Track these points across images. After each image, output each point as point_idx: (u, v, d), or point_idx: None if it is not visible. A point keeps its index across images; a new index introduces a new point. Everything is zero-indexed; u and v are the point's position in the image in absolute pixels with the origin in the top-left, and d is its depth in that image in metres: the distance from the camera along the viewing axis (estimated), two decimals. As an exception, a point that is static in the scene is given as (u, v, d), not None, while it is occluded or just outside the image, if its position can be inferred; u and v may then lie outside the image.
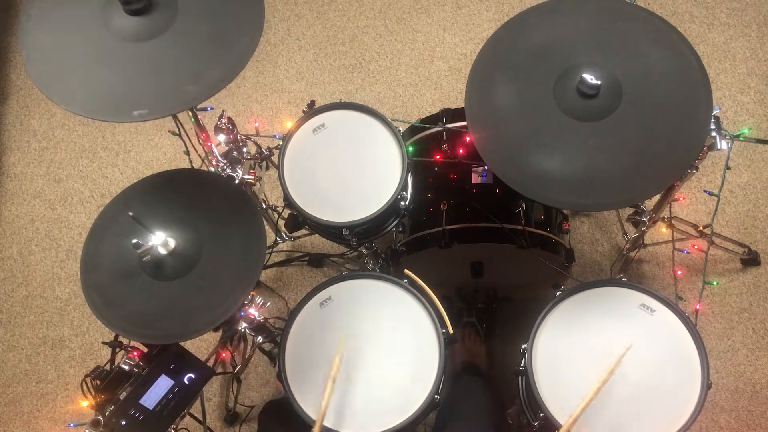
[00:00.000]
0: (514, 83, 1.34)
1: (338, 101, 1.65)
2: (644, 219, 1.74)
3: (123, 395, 1.31)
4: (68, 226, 2.47)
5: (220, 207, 1.43)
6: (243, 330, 1.61)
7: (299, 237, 2.22)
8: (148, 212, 1.36)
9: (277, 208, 2.07)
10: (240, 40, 1.27)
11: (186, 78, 1.23)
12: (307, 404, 1.37)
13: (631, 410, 1.30)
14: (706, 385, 1.29)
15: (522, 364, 1.39)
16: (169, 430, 1.44)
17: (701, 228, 1.96)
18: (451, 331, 1.41)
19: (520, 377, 1.45)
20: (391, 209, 1.53)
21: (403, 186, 1.53)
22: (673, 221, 1.90)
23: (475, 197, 1.72)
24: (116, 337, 1.39)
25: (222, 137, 1.79)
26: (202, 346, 2.16)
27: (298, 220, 1.62)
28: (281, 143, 1.63)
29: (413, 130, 1.81)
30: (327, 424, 1.34)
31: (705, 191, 2.16)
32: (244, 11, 1.29)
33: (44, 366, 2.27)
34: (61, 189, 2.54)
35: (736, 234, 2.13)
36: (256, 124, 2.46)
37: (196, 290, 1.31)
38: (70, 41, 1.27)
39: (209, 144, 1.71)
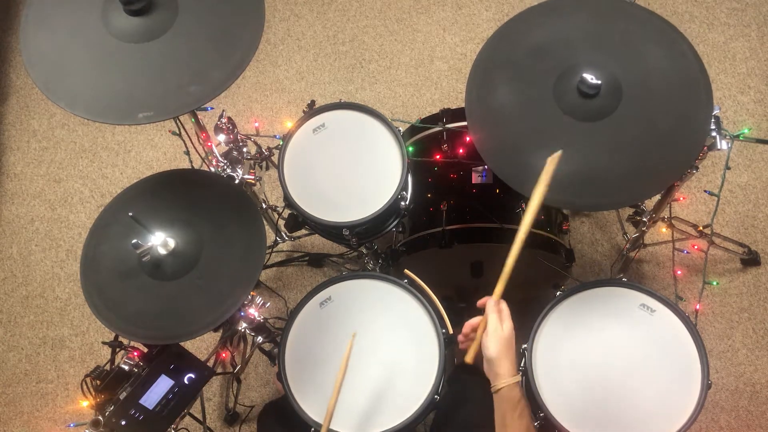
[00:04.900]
0: (514, 83, 1.34)
1: (338, 101, 1.66)
2: (644, 219, 1.74)
3: (123, 395, 1.31)
4: (68, 226, 2.47)
5: (220, 207, 1.43)
6: (243, 330, 1.61)
7: (299, 237, 2.22)
8: (147, 212, 1.36)
9: (277, 208, 2.07)
10: (241, 40, 1.27)
11: (189, 78, 1.23)
12: (307, 404, 1.37)
13: (631, 410, 1.30)
14: (706, 385, 1.29)
15: (522, 364, 1.39)
16: (169, 430, 1.44)
17: (701, 228, 1.95)
18: (451, 331, 1.41)
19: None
20: (391, 209, 1.53)
21: (403, 186, 1.52)
22: (673, 221, 1.90)
23: (475, 197, 1.72)
24: (116, 337, 1.39)
25: (222, 137, 1.79)
26: (202, 346, 2.16)
27: (298, 220, 1.62)
28: (281, 143, 1.63)
29: (413, 130, 1.81)
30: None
31: (705, 191, 2.16)
32: (244, 11, 1.29)
33: (44, 366, 2.27)
34: (61, 189, 2.54)
35: (736, 234, 2.13)
36: (256, 124, 2.46)
37: (196, 290, 1.31)
38: (71, 43, 1.26)
39: (209, 144, 1.71)
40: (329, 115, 1.64)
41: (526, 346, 1.38)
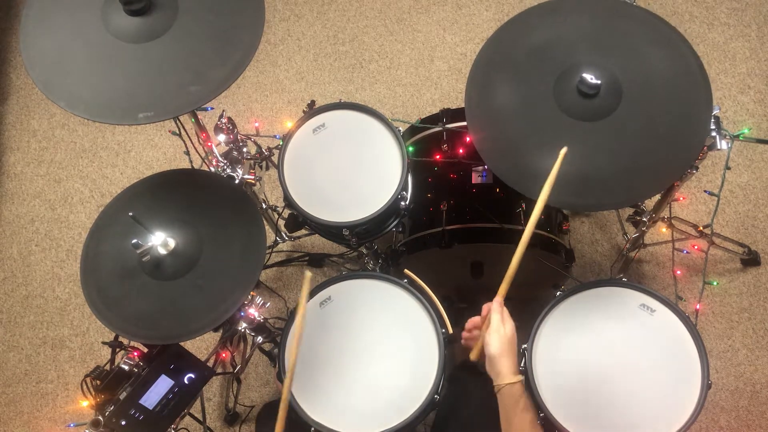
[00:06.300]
0: (514, 83, 1.34)
1: (338, 101, 1.65)
2: (644, 219, 1.74)
3: (123, 395, 1.31)
4: (68, 226, 2.47)
5: (220, 207, 1.43)
6: (243, 330, 1.61)
7: (299, 237, 2.22)
8: (147, 212, 1.36)
9: (277, 208, 2.07)
10: (241, 39, 1.27)
11: (189, 78, 1.23)
12: (307, 404, 1.37)
13: (631, 410, 1.30)
14: (706, 385, 1.29)
15: (522, 364, 1.39)
16: (169, 430, 1.44)
17: (701, 228, 1.95)
18: (450, 330, 1.41)
19: (520, 377, 1.45)
20: (391, 209, 1.53)
21: (403, 186, 1.52)
22: (673, 221, 1.90)
23: (475, 197, 1.72)
24: (116, 337, 1.39)
25: (222, 137, 1.79)
26: (202, 346, 2.16)
27: (298, 220, 1.62)
28: (281, 143, 1.63)
29: (413, 130, 1.81)
30: (328, 424, 1.34)
31: (705, 191, 2.16)
32: (244, 11, 1.29)
33: (44, 366, 2.27)
34: (61, 189, 2.54)
35: (736, 234, 2.13)
36: (256, 124, 2.46)
37: (196, 290, 1.31)
38: (71, 43, 1.27)
39: (209, 144, 1.71)
40: (329, 115, 1.64)
41: (526, 346, 1.38)
